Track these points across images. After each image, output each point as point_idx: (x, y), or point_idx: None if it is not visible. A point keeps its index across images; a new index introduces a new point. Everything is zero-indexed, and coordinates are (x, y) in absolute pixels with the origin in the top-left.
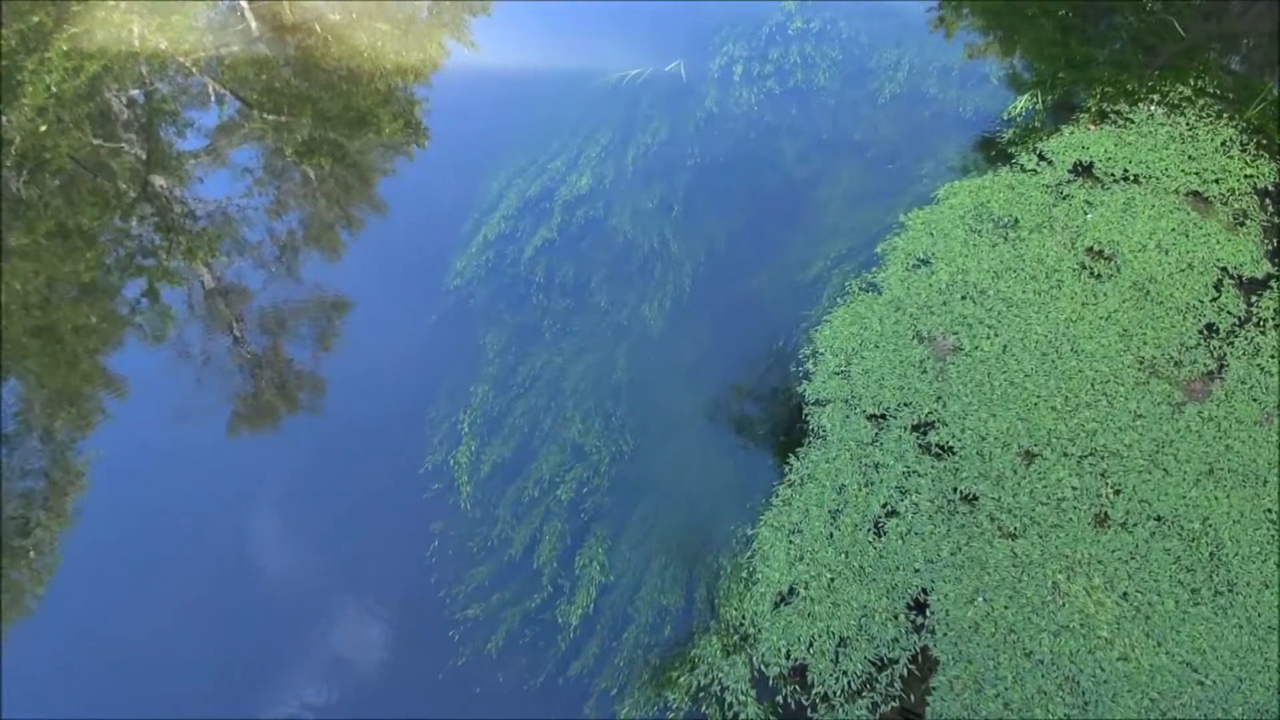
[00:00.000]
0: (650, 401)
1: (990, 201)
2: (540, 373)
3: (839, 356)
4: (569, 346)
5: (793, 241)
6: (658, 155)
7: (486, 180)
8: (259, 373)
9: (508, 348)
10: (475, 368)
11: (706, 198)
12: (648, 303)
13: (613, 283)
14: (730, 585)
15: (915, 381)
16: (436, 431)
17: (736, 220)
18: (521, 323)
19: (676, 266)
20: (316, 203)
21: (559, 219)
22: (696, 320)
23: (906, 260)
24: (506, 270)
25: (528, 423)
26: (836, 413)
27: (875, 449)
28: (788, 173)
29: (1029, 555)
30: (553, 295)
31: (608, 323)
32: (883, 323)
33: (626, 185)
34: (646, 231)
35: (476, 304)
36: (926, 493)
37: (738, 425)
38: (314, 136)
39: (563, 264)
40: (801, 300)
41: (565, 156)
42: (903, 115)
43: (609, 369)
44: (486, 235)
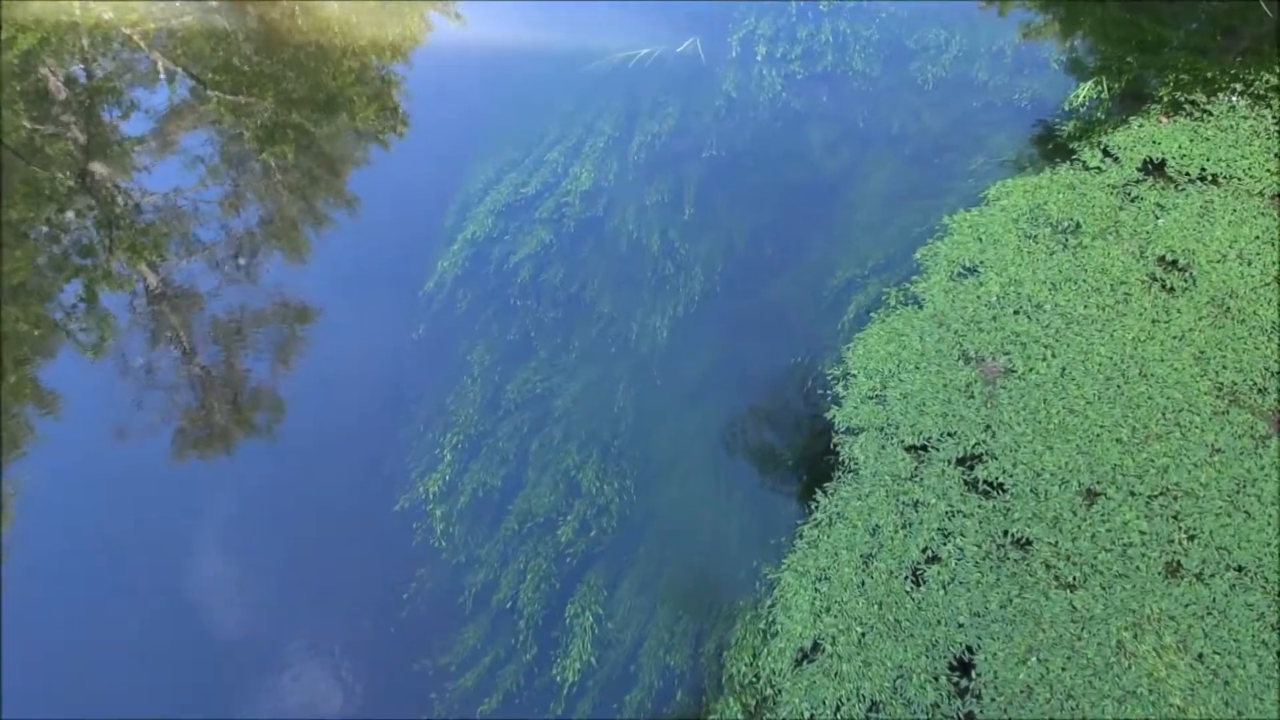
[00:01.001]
0: (656, 427)
1: (1048, 203)
2: (531, 393)
3: (873, 378)
4: (564, 363)
5: (821, 246)
6: (668, 146)
7: (473, 173)
8: (210, 389)
9: (494, 364)
10: (457, 386)
11: (723, 195)
12: (654, 314)
13: (615, 291)
14: (746, 638)
15: (960, 408)
16: (412, 460)
17: (756, 221)
18: (510, 335)
19: (687, 273)
20: (279, 196)
21: (554, 218)
22: (709, 335)
23: (951, 269)
24: (493, 275)
25: (516, 451)
26: (870, 443)
27: (914, 485)
28: (816, 167)
29: (1090, 609)
30: (546, 304)
31: (608, 336)
32: (923, 340)
33: (632, 180)
34: (654, 233)
35: (459, 313)
36: (973, 536)
37: (756, 455)
38: (277, 121)
39: (558, 269)
40: (830, 313)
41: (563, 147)
42: (948, 103)
43: (609, 389)
44: (472, 235)
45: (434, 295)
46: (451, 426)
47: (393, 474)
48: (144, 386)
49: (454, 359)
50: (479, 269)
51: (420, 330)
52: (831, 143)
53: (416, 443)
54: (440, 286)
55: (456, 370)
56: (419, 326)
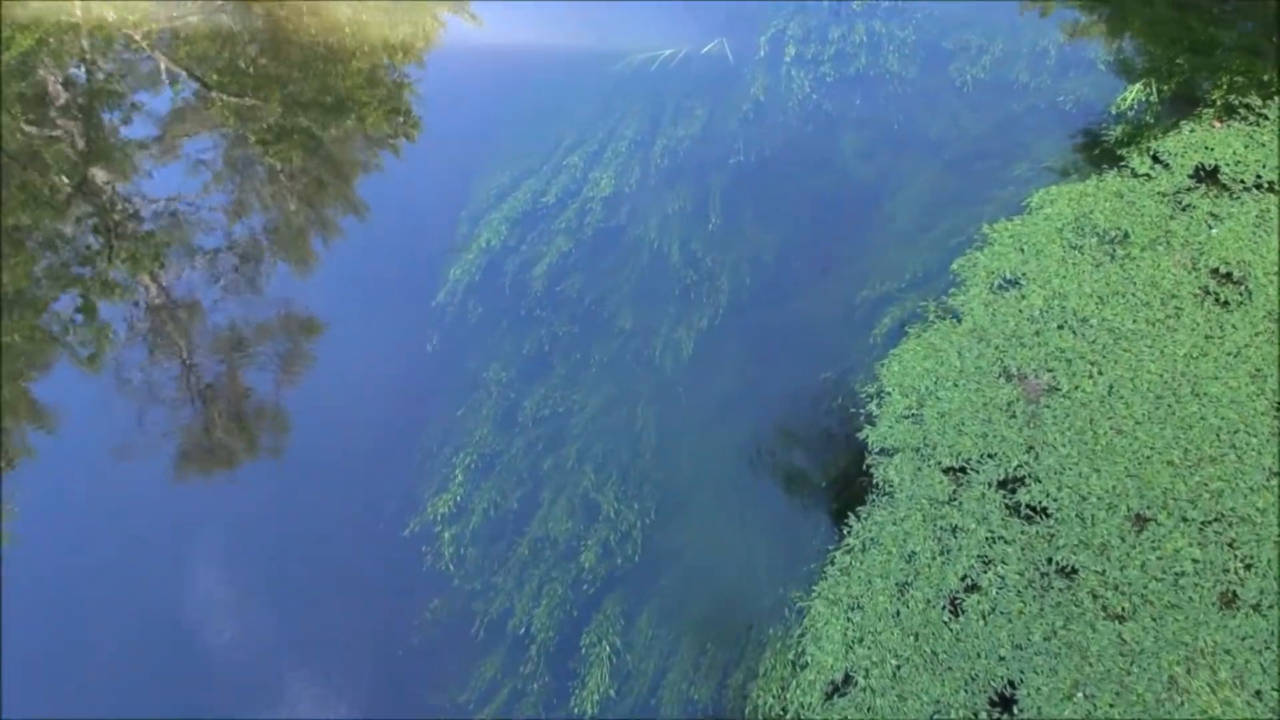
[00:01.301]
0: (679, 446)
1: (1094, 211)
2: (548, 410)
3: (909, 396)
4: (582, 379)
5: (853, 257)
6: (692, 152)
7: (487, 179)
8: (212, 406)
9: (508, 379)
10: (469, 403)
11: (750, 203)
12: (678, 328)
13: (636, 304)
14: (775, 669)
15: (1002, 428)
16: (422, 480)
17: (785, 230)
18: (525, 349)
19: (713, 285)
20: (285, 203)
21: (573, 226)
22: (736, 350)
23: (991, 281)
24: (509, 286)
25: (531, 472)
26: (906, 464)
27: (953, 509)
28: (849, 174)
29: (1140, 642)
30: (563, 316)
31: (629, 351)
32: (962, 356)
33: (654, 187)
34: (677, 243)
35: (472, 326)
36: (1015, 564)
37: (785, 478)
38: (283, 124)
39: (576, 279)
40: (863, 328)
41: (582, 152)
42: (988, 106)
43: (630, 407)
44: (487, 243)
45: (446, 307)
46: (464, 445)
47: (402, 495)
48: (142, 402)
49: (467, 374)
50: (493, 280)
51: (432, 343)
52: (865, 148)
53: (427, 462)
54: (452, 298)
55: (469, 386)
56: (430, 339)
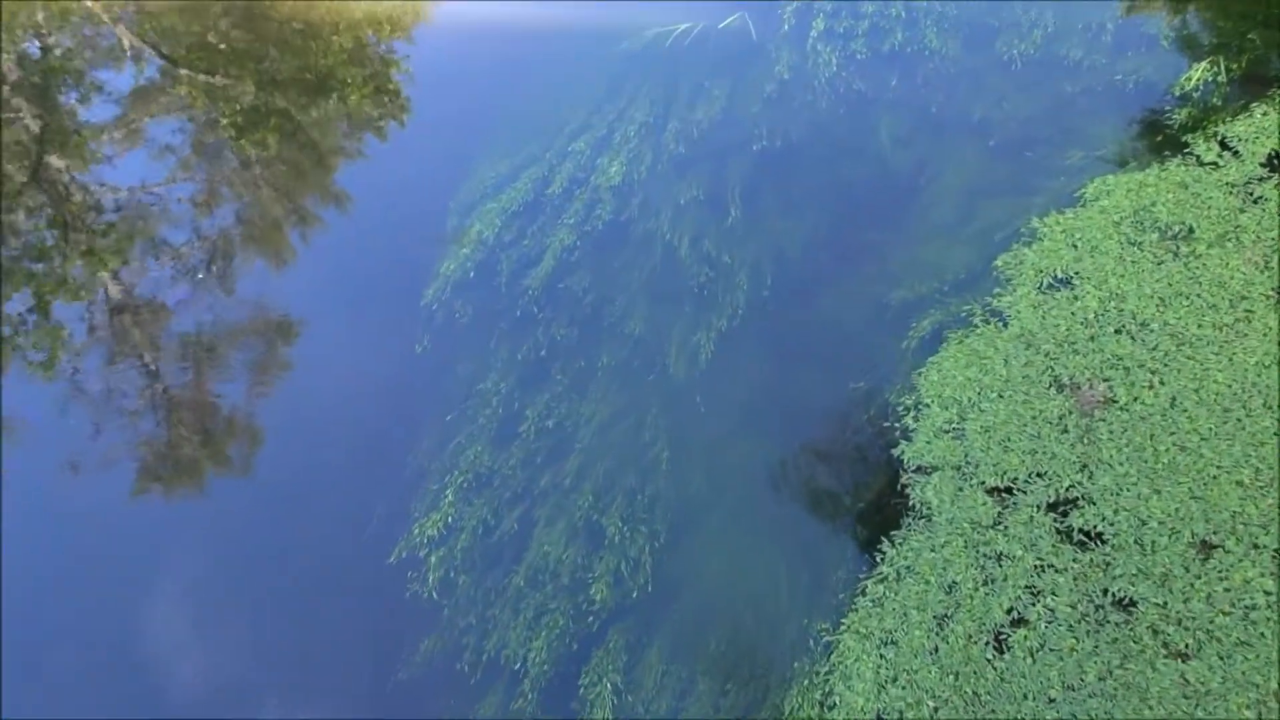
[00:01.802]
0: (693, 463)
1: (1155, 204)
2: (548, 422)
3: (950, 409)
4: (586, 387)
5: (887, 253)
6: (710, 138)
7: (484, 167)
8: (178, 416)
9: (505, 388)
10: (462, 414)
11: (774, 194)
12: (693, 332)
13: (646, 304)
14: (800, 710)
15: (1052, 444)
16: (410, 500)
17: (812, 224)
18: (524, 355)
19: (731, 284)
20: (259, 192)
21: (577, 219)
22: (756, 356)
23: (1041, 280)
24: (506, 284)
25: (528, 491)
26: (946, 484)
27: (998, 534)
28: (884, 162)
29: (1205, 682)
30: (566, 318)
31: (639, 358)
32: (1009, 364)
33: (668, 177)
34: (693, 237)
35: (465, 328)
36: (1066, 595)
37: (811, 498)
38: (258, 106)
39: (580, 277)
40: (898, 332)
41: (589, 138)
42: (1038, 87)
43: (639, 419)
44: (482, 237)
45: (436, 307)
46: (455, 462)
47: (387, 515)
48: (101, 412)
49: (459, 382)
50: (489, 278)
51: (420, 347)
52: (901, 134)
53: (415, 479)
54: (443, 297)
55: (461, 395)
56: (419, 344)
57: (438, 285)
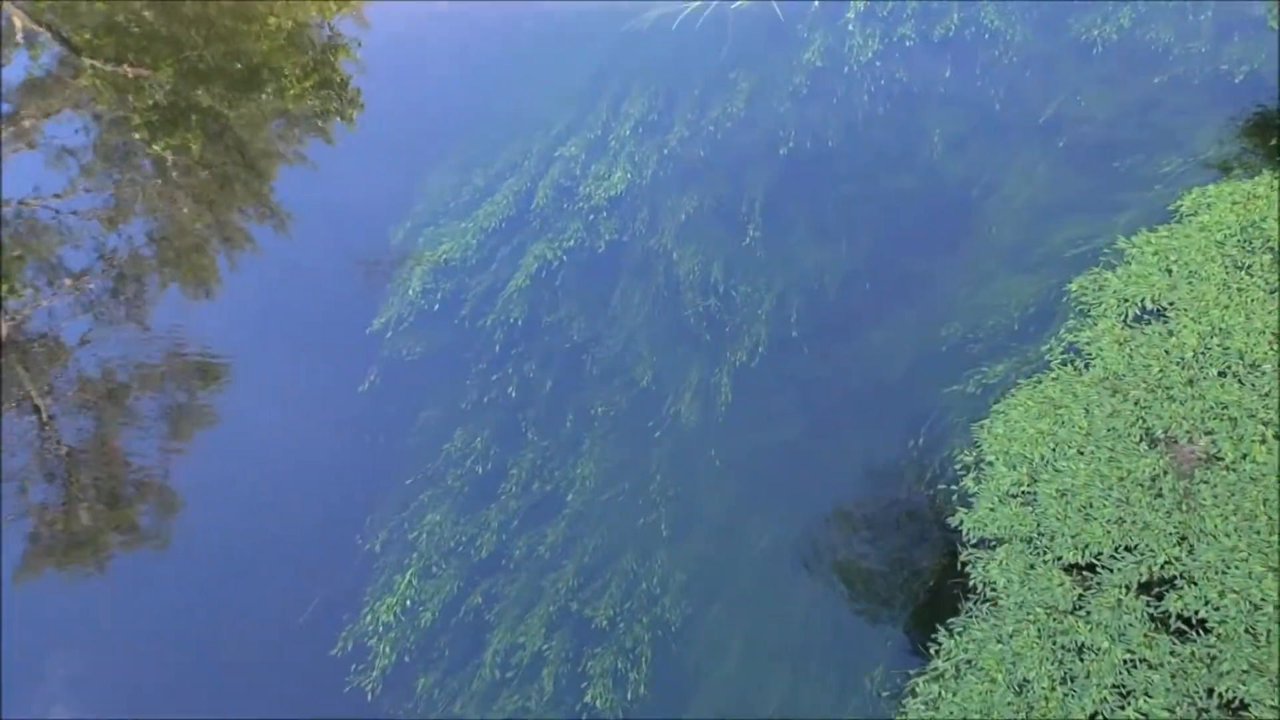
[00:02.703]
0: (706, 537)
1: (1265, 220)
2: (528, 487)
3: (1018, 468)
4: (577, 445)
5: (941, 281)
6: (727, 142)
7: (453, 174)
8: (78, 477)
9: (475, 444)
10: (424, 476)
11: (802, 208)
12: (704, 378)
13: (648, 343)
14: None
15: (1144, 511)
16: (358, 580)
17: (849, 246)
18: (501, 402)
19: (751, 319)
20: (179, 207)
21: (566, 239)
22: (782, 407)
23: (1127, 311)
24: (478, 318)
25: (504, 569)
26: (1014, 560)
27: (1078, 622)
28: (935, 171)
29: None
30: (551, 360)
31: (638, 406)
32: (1090, 414)
33: (674, 188)
34: (704, 262)
35: (428, 371)
36: (1162, 696)
37: (850, 577)
38: (177, 102)
39: (568, 310)
40: (954, 376)
41: (580, 141)
42: (1122, 80)
43: (638, 482)
44: (448, 259)
45: (390, 345)
46: (412, 537)
47: (330, 600)
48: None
49: (416, 437)
50: (456, 309)
51: (369, 387)
52: (957, 135)
53: (363, 557)
54: (399, 333)
55: (419, 454)
56: (368, 385)
57: (394, 319)
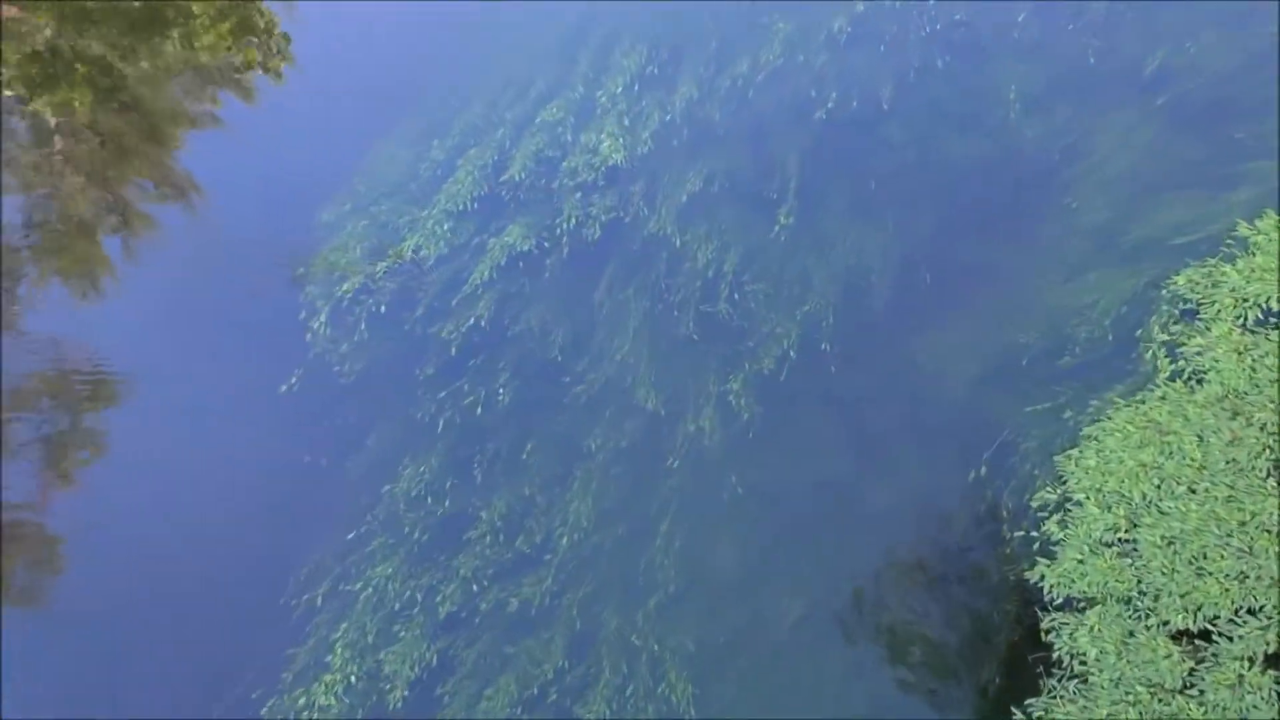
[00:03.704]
0: (722, 596)
1: None
2: (500, 533)
3: (1113, 509)
4: (555, 481)
5: (1015, 274)
6: (750, 104)
7: (404, 144)
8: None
9: (422, 483)
10: (369, 521)
11: (843, 186)
12: (719, 397)
13: (644, 351)
14: None
15: (1271, 563)
16: (280, 655)
17: (902, 230)
18: (462, 425)
19: (776, 322)
20: (63, 181)
21: (545, 224)
22: (816, 431)
23: (1247, 314)
24: (434, 322)
25: (466, 637)
26: (1109, 626)
27: (1189, 703)
28: (1009, 138)
29: None
30: (524, 373)
31: (637, 430)
32: (1205, 442)
33: (683, 157)
34: (719, 250)
35: (362, 388)
36: None
37: (900, 647)
38: (61, 50)
39: (547, 312)
40: (1032, 393)
41: (565, 101)
42: (1240, 26)
43: (638, 529)
44: (401, 248)
45: (324, 355)
46: (347, 602)
47: (247, 679)
48: None
49: (356, 472)
50: (407, 310)
51: (295, 408)
52: (1035, 95)
53: (287, 625)
54: (334, 341)
55: (354, 493)
56: (292, 401)
57: (324, 322)
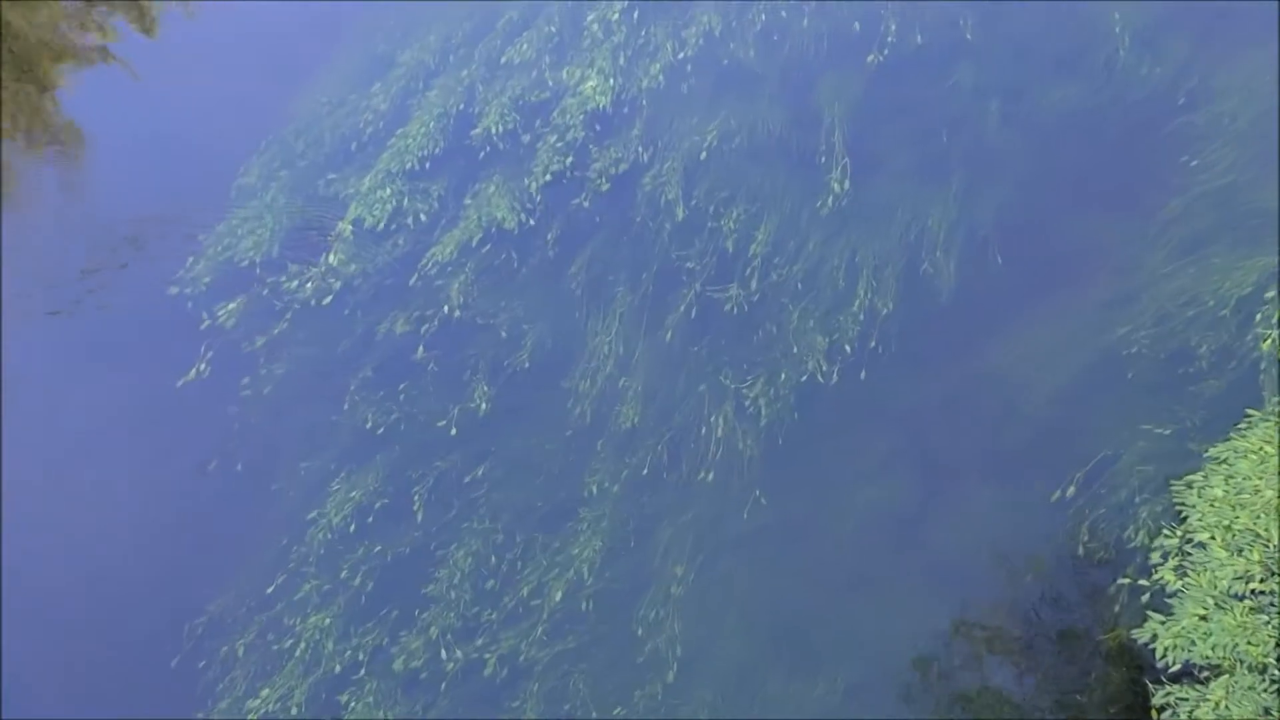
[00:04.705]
0: (750, 660)
1: None
2: (453, 589)
3: (1245, 553)
4: (530, 514)
5: (1114, 251)
6: (782, 39)
7: (340, 84)
8: None
9: (362, 522)
10: (290, 572)
11: (900, 140)
12: (745, 409)
13: (643, 349)
14: None
15: None
16: None
17: (974, 197)
18: (411, 450)
19: (816, 312)
20: None
21: (519, 182)
22: (867, 449)
23: None
24: (376, 316)
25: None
26: (1239, 700)
27: None
28: (1113, 77)
29: None
30: (493, 383)
31: (637, 454)
32: None
33: (700, 107)
34: (740, 215)
35: (288, 392)
36: None
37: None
38: None
39: (523, 304)
40: (1135, 403)
41: (541, 33)
42: None
43: (638, 576)
44: (329, 218)
45: (239, 353)
46: (271, 660)
47: None
48: None
49: (279, 504)
50: (345, 303)
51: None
52: (1147, 25)
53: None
54: (252, 333)
55: (285, 529)
56: (182, 381)
57: (243, 312)
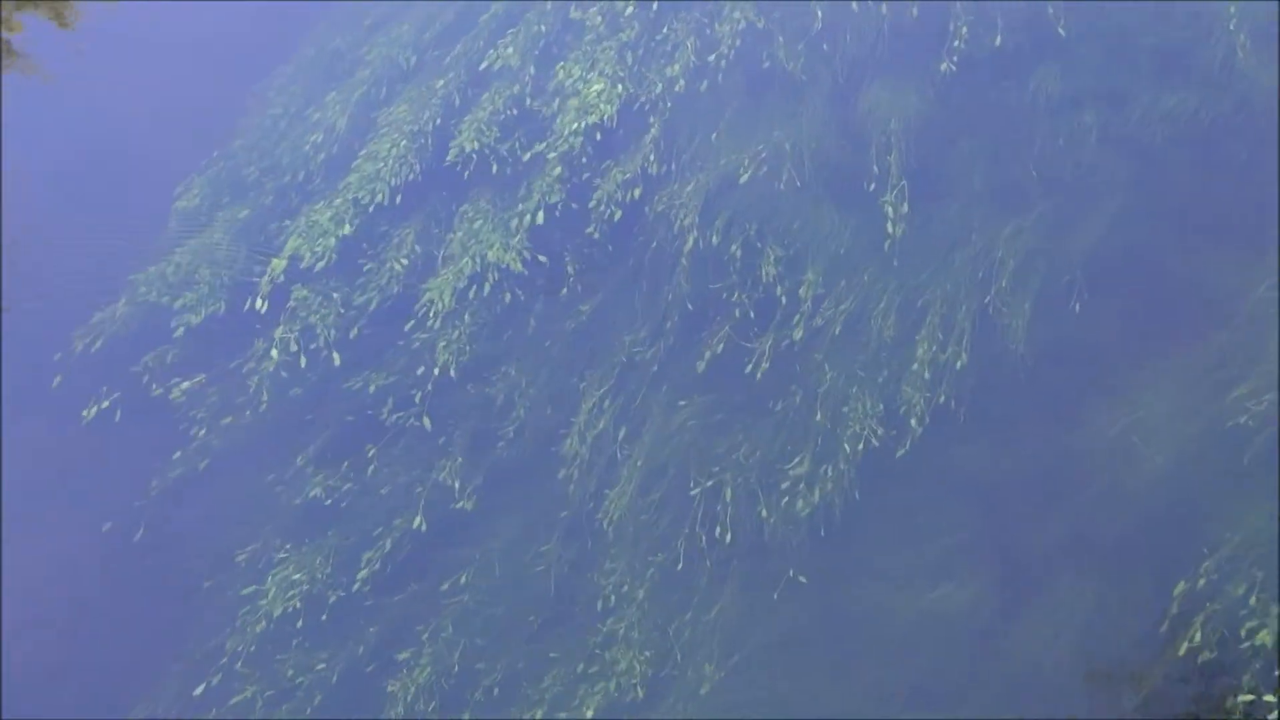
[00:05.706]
0: None
1: None
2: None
3: None
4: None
5: (1233, 292)
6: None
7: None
8: None
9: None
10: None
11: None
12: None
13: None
14: None
15: None
16: None
17: (1060, 226)
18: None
19: (868, 359)
20: None
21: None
22: (929, 530)
23: None
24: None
25: None
26: None
27: None
28: (1228, 81)
29: None
30: (473, 462)
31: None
32: None
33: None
34: (779, 251)
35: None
36: None
37: None
38: None
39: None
40: (1261, 480)
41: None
42: None
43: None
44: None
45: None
46: None
47: None
48: None
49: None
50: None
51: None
52: (1270, 20)
53: None
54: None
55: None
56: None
57: (182, 356)
